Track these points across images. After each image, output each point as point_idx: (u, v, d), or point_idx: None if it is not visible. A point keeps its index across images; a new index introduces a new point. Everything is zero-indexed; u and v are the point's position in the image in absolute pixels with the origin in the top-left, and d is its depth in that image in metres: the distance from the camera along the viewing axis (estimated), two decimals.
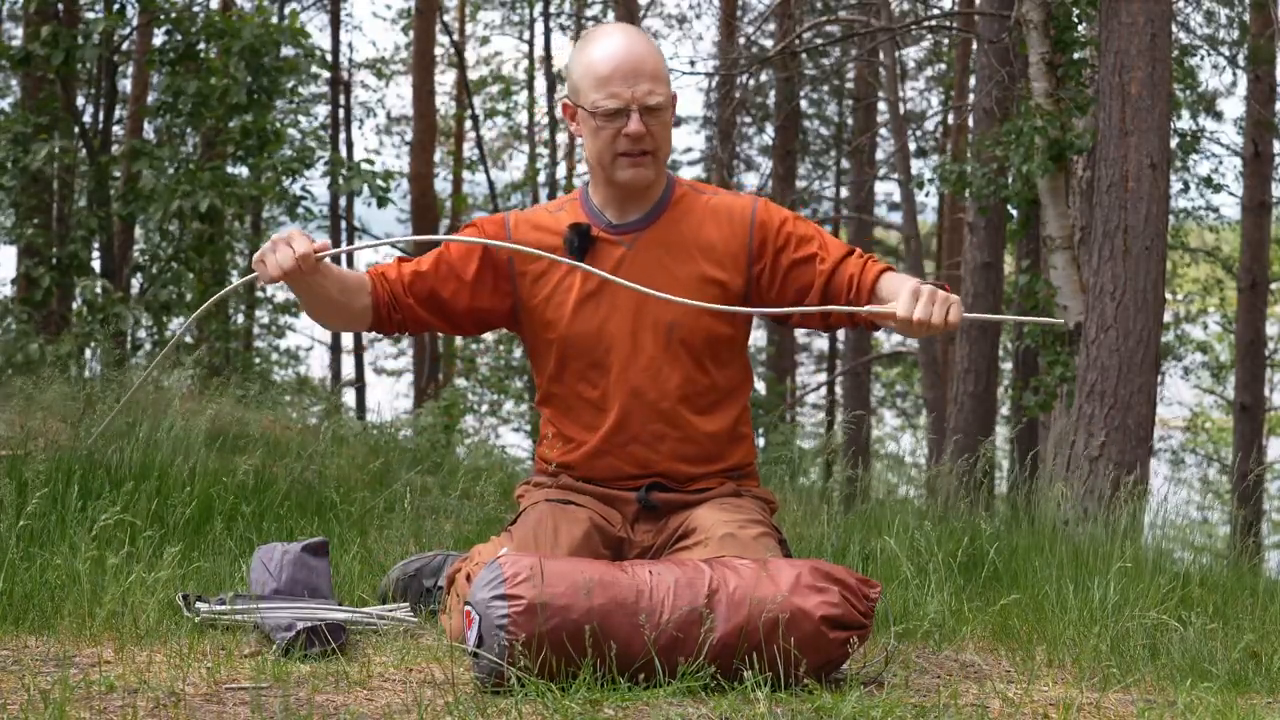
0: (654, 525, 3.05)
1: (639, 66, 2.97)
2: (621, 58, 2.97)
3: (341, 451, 5.77)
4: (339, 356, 22.66)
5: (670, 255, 3.03)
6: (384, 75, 26.30)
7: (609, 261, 3.02)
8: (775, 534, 3.00)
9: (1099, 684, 2.70)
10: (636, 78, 2.96)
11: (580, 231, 3.03)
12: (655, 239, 3.04)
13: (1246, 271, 15.79)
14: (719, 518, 2.94)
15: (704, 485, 3.08)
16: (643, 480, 3.05)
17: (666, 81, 3.01)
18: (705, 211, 3.06)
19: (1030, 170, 9.51)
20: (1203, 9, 15.47)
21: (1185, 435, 22.42)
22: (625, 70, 2.96)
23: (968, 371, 12.96)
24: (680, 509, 3.05)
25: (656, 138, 2.99)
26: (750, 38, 17.01)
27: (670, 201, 3.07)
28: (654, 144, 2.99)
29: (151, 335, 11.11)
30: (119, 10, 11.03)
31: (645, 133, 2.97)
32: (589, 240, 3.03)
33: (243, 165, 11.41)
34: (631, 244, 3.04)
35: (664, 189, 3.08)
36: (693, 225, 3.04)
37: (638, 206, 3.06)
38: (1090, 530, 4.57)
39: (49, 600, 2.96)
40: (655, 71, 2.98)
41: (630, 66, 2.96)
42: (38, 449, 4.42)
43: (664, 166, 3.05)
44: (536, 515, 2.97)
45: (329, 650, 2.70)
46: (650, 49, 3.01)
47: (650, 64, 2.98)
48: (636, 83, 2.96)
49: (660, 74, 2.99)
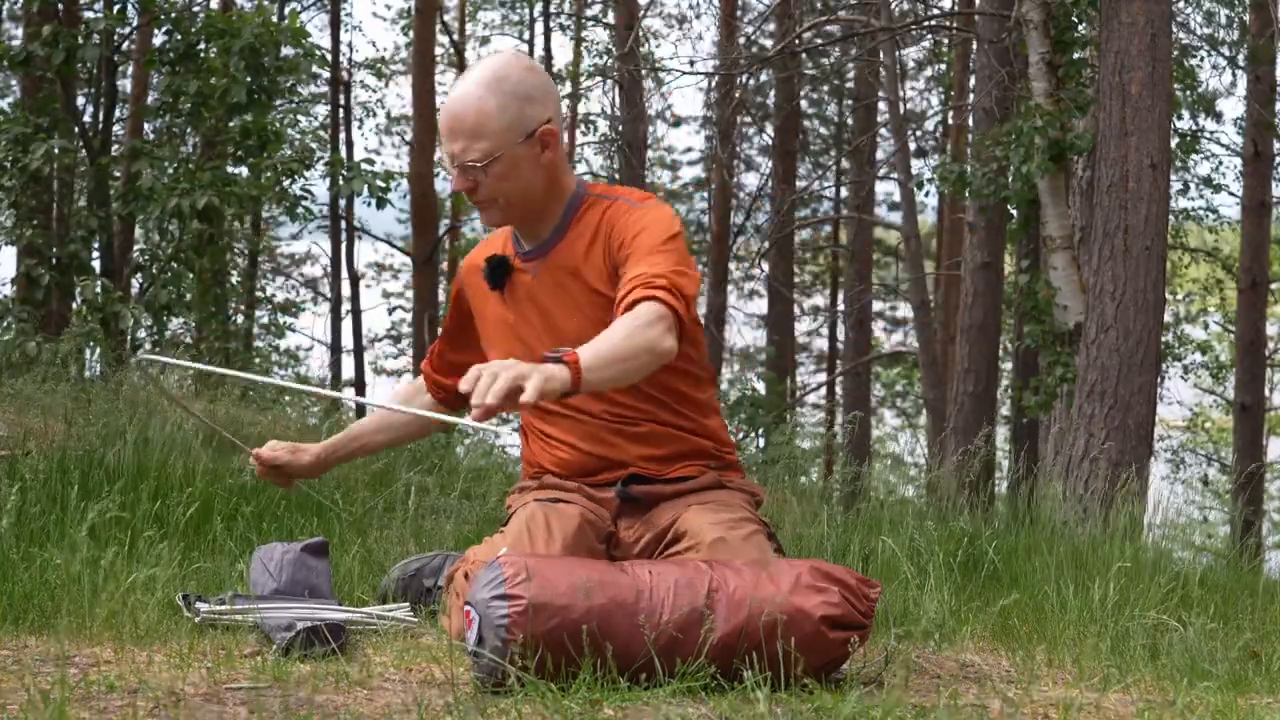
0: (637, 519, 3.03)
1: (455, 125, 2.92)
2: (444, 112, 2.95)
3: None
4: (339, 356, 22.67)
5: (568, 277, 3.02)
6: (384, 75, 26.32)
7: (522, 291, 3.07)
8: (765, 529, 2.99)
9: (1099, 684, 2.70)
10: (452, 136, 2.93)
11: (493, 265, 3.08)
12: (555, 263, 3.03)
13: (1246, 271, 15.80)
14: (708, 520, 2.93)
15: (684, 472, 3.06)
16: (621, 473, 3.06)
17: (494, 135, 2.91)
18: (597, 225, 3.02)
19: (1030, 170, 9.52)
20: (1203, 9, 15.48)
21: (1185, 435, 22.42)
22: (445, 128, 2.94)
23: (968, 371, 12.96)
24: (663, 500, 3.03)
25: (489, 189, 2.95)
26: (750, 38, 17.00)
27: (572, 221, 3.04)
28: (486, 194, 2.96)
29: (151, 335, 11.11)
30: (119, 10, 11.03)
31: (471, 186, 2.95)
32: (504, 271, 3.08)
33: (243, 165, 11.41)
34: (536, 271, 3.06)
35: (565, 209, 3.03)
36: (584, 243, 3.02)
37: (539, 232, 3.05)
38: (1090, 530, 4.57)
39: (49, 600, 2.96)
40: (475, 128, 2.90)
41: (446, 125, 2.94)
42: (37, 449, 4.42)
43: (525, 205, 3.00)
44: (527, 514, 2.98)
45: (329, 650, 2.70)
46: (477, 102, 2.91)
47: (470, 121, 2.91)
48: (453, 140, 2.93)
49: (483, 129, 2.90)
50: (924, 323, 15.51)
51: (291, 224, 15.98)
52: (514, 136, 2.93)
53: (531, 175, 2.97)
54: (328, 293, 24.78)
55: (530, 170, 2.97)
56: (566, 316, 3.01)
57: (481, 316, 3.18)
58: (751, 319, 27.16)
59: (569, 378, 2.54)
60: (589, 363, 2.59)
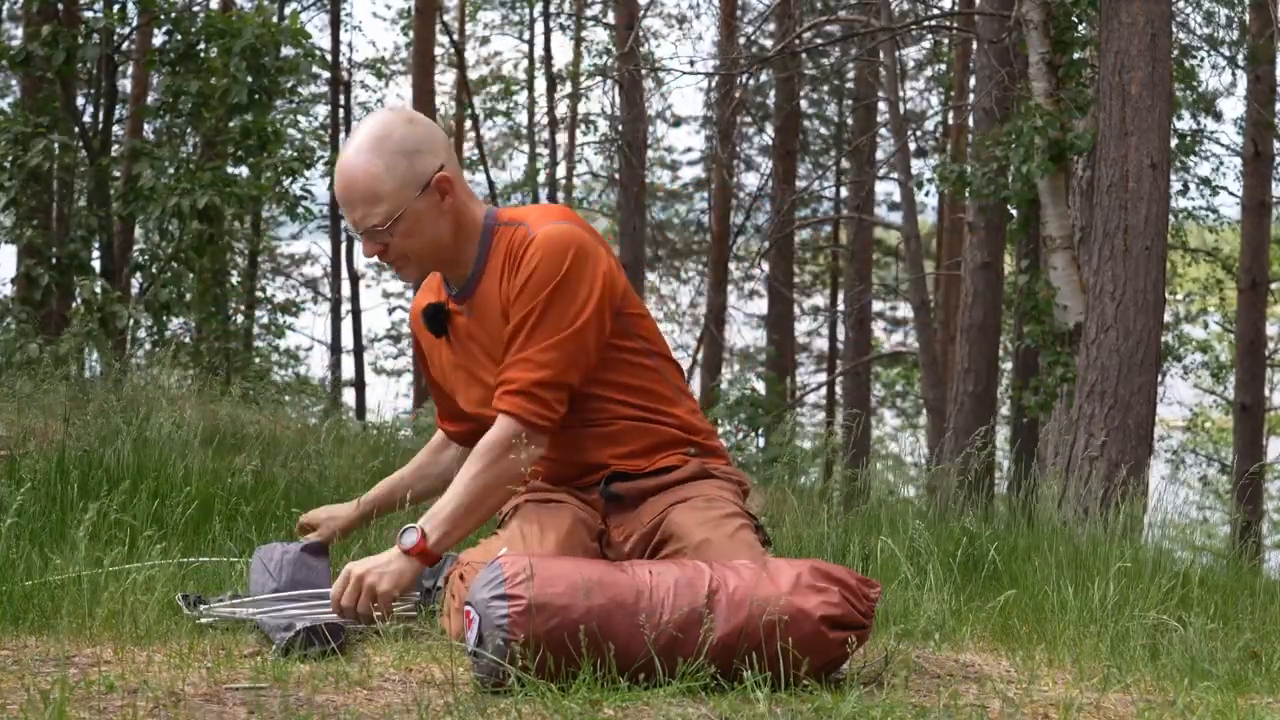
0: (624, 517, 3.03)
1: (349, 194, 2.91)
2: (337, 186, 2.94)
3: (341, 451, 5.77)
4: (339, 356, 22.67)
5: (494, 313, 3.00)
6: (384, 75, 26.31)
7: (460, 330, 3.07)
8: (751, 521, 2.99)
9: (1099, 684, 2.70)
10: (350, 205, 2.92)
11: (430, 314, 3.08)
12: (480, 301, 3.02)
13: (1246, 271, 15.80)
14: (694, 520, 2.92)
15: (666, 463, 3.04)
16: (603, 472, 3.05)
17: (389, 195, 2.88)
18: (505, 258, 2.98)
19: (1030, 170, 9.52)
20: (1203, 9, 15.47)
21: (1185, 435, 22.42)
22: (341, 200, 2.94)
23: (968, 371, 12.95)
24: (649, 495, 3.02)
25: (398, 248, 2.94)
26: (750, 38, 17.00)
27: (489, 255, 3.01)
28: (396, 254, 2.95)
29: (151, 335, 11.11)
30: (119, 10, 11.03)
31: (380, 250, 2.94)
32: (443, 317, 3.08)
33: (243, 165, 11.41)
34: (468, 311, 3.05)
35: (479, 245, 3.01)
36: (497, 277, 3.00)
37: (461, 274, 3.04)
38: (1090, 530, 4.57)
39: (49, 600, 2.96)
40: (367, 193, 2.89)
41: (342, 196, 2.93)
42: (37, 449, 4.42)
43: (436, 254, 2.98)
44: (521, 515, 3.00)
45: (329, 650, 2.70)
46: (365, 164, 2.89)
47: (360, 186, 2.89)
48: (352, 210, 2.92)
49: (377, 192, 2.88)
50: (924, 323, 15.51)
51: (291, 224, 15.98)
52: (410, 192, 2.91)
53: (436, 225, 2.95)
54: (328, 293, 24.78)
55: (433, 220, 2.94)
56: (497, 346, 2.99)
57: (434, 363, 3.19)
58: (751, 319, 27.15)
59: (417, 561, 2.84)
60: (436, 537, 2.84)
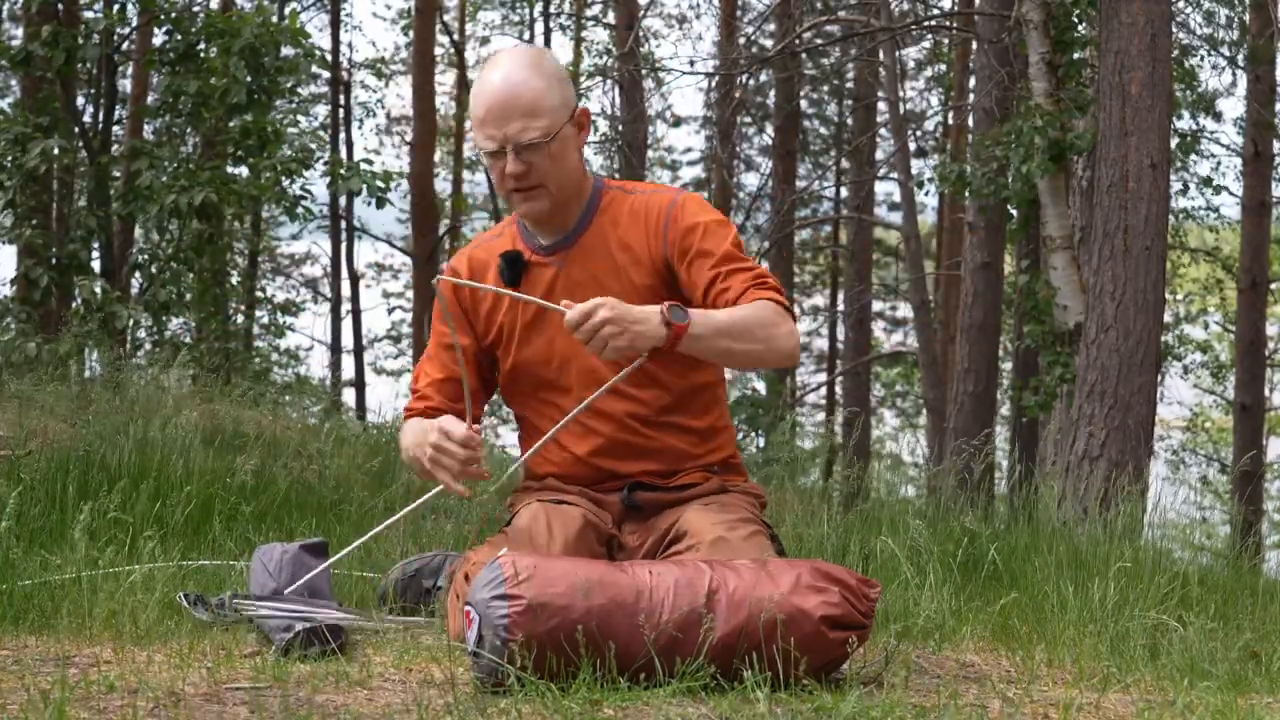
0: (640, 525, 3.03)
1: (510, 105, 2.90)
2: (492, 97, 2.92)
3: (341, 451, 5.77)
4: (339, 356, 22.67)
5: (600, 268, 3.00)
6: (384, 75, 26.29)
7: (541, 284, 3.03)
8: (766, 530, 2.99)
9: (1099, 684, 2.70)
10: (507, 117, 2.90)
11: (509, 260, 3.04)
12: (583, 254, 3.02)
13: (1246, 271, 15.79)
14: (709, 520, 2.93)
15: (687, 480, 3.06)
16: (624, 481, 3.05)
17: (550, 111, 2.92)
18: (629, 216, 3.02)
19: (1030, 170, 9.52)
20: (1203, 9, 15.46)
21: (1185, 435, 22.41)
22: (496, 111, 2.91)
23: (968, 371, 12.95)
24: (667, 508, 3.03)
25: (541, 171, 2.94)
26: (750, 38, 16.98)
27: (596, 211, 3.03)
28: (540, 177, 2.94)
29: (151, 335, 11.10)
30: (119, 10, 11.02)
31: (525, 170, 2.93)
32: (521, 266, 3.04)
33: (242, 165, 11.40)
34: (562, 263, 3.03)
35: (588, 201, 3.04)
36: (617, 233, 3.01)
37: (562, 225, 3.03)
38: (1090, 530, 4.56)
39: (49, 600, 2.96)
40: (530, 106, 2.90)
41: (500, 106, 2.91)
42: (37, 449, 4.42)
43: (565, 191, 2.99)
44: (530, 515, 2.97)
45: (328, 650, 2.70)
46: (528, 81, 2.92)
47: (525, 99, 2.90)
48: (508, 121, 2.90)
49: (538, 107, 2.90)
50: (924, 323, 15.51)
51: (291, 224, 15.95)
52: (564, 115, 2.95)
53: (574, 157, 3.00)
54: (328, 293, 24.78)
55: (574, 152, 3.00)
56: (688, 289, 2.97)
57: (489, 313, 3.10)
58: None
59: (666, 336, 2.72)
60: (698, 332, 2.74)
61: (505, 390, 3.16)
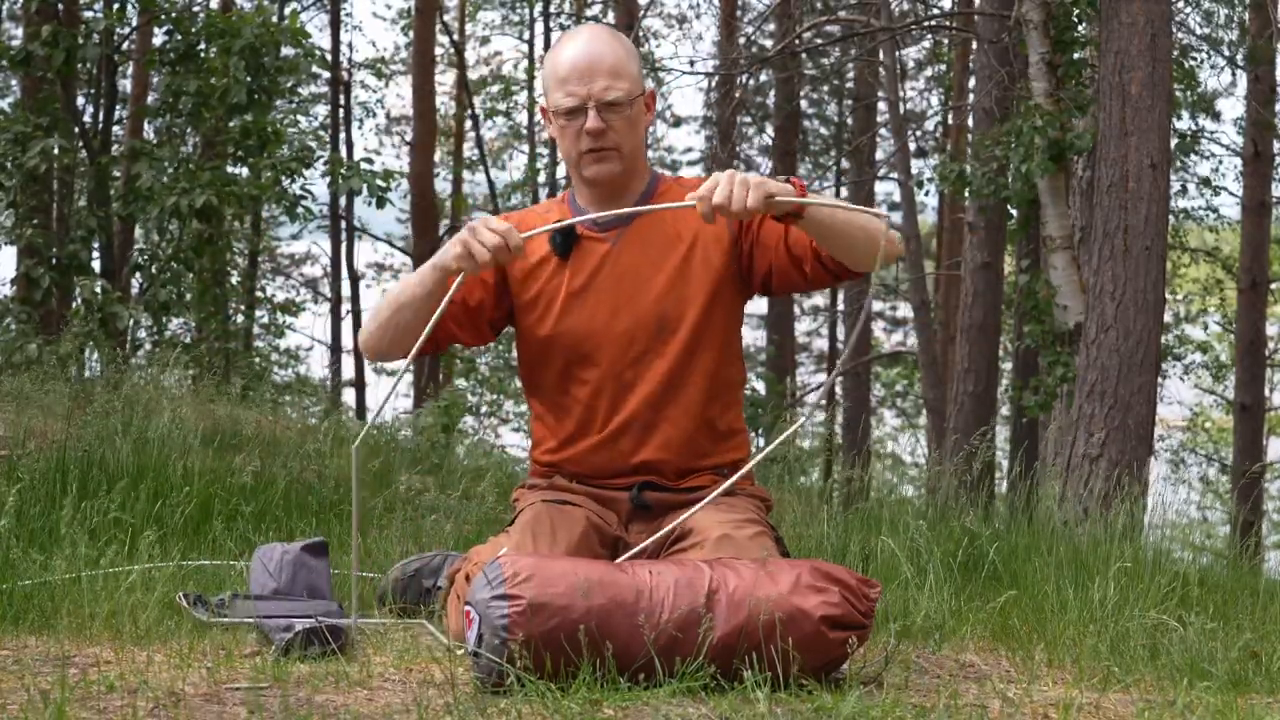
0: (647, 526, 3.03)
1: (596, 63, 2.97)
2: (578, 56, 2.98)
3: (341, 451, 5.77)
4: (339, 356, 22.67)
5: (654, 247, 3.03)
6: (384, 75, 26.30)
7: (594, 259, 3.04)
8: (771, 532, 3.00)
9: (1099, 684, 2.70)
10: (593, 75, 2.96)
11: (563, 231, 3.04)
12: (639, 233, 3.04)
13: (1246, 271, 15.79)
14: (714, 519, 2.93)
15: (696, 483, 3.06)
16: (634, 479, 3.05)
17: (631, 78, 2.99)
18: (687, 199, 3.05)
19: (1030, 170, 9.52)
20: (1202, 9, 15.47)
21: (1185, 435, 22.42)
22: (582, 68, 2.97)
23: (968, 371, 12.96)
24: (674, 509, 3.03)
25: (619, 133, 2.98)
26: (750, 38, 16.98)
27: (654, 195, 3.08)
28: (616, 139, 2.98)
29: (151, 335, 11.10)
30: (119, 10, 11.02)
31: (604, 129, 2.97)
32: (573, 240, 3.05)
33: (242, 165, 11.40)
34: (616, 240, 3.05)
35: (646, 184, 3.08)
36: (676, 214, 3.03)
37: (618, 203, 3.05)
38: (1090, 530, 4.56)
39: (48, 600, 2.96)
40: (614, 68, 2.97)
41: (586, 64, 2.97)
42: (37, 449, 4.42)
43: (634, 161, 3.04)
44: (533, 515, 2.97)
45: (328, 650, 2.70)
46: (611, 46, 3.01)
47: (609, 60, 2.98)
48: (593, 80, 2.96)
49: (622, 70, 2.98)
50: (924, 323, 15.50)
51: (291, 224, 15.96)
52: (640, 87, 3.03)
53: (643, 133, 3.06)
54: (328, 293, 24.79)
55: (643, 128, 3.06)
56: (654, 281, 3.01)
57: (527, 278, 3.08)
58: (751, 319, 27.14)
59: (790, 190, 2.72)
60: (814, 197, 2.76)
61: (528, 364, 3.12)
